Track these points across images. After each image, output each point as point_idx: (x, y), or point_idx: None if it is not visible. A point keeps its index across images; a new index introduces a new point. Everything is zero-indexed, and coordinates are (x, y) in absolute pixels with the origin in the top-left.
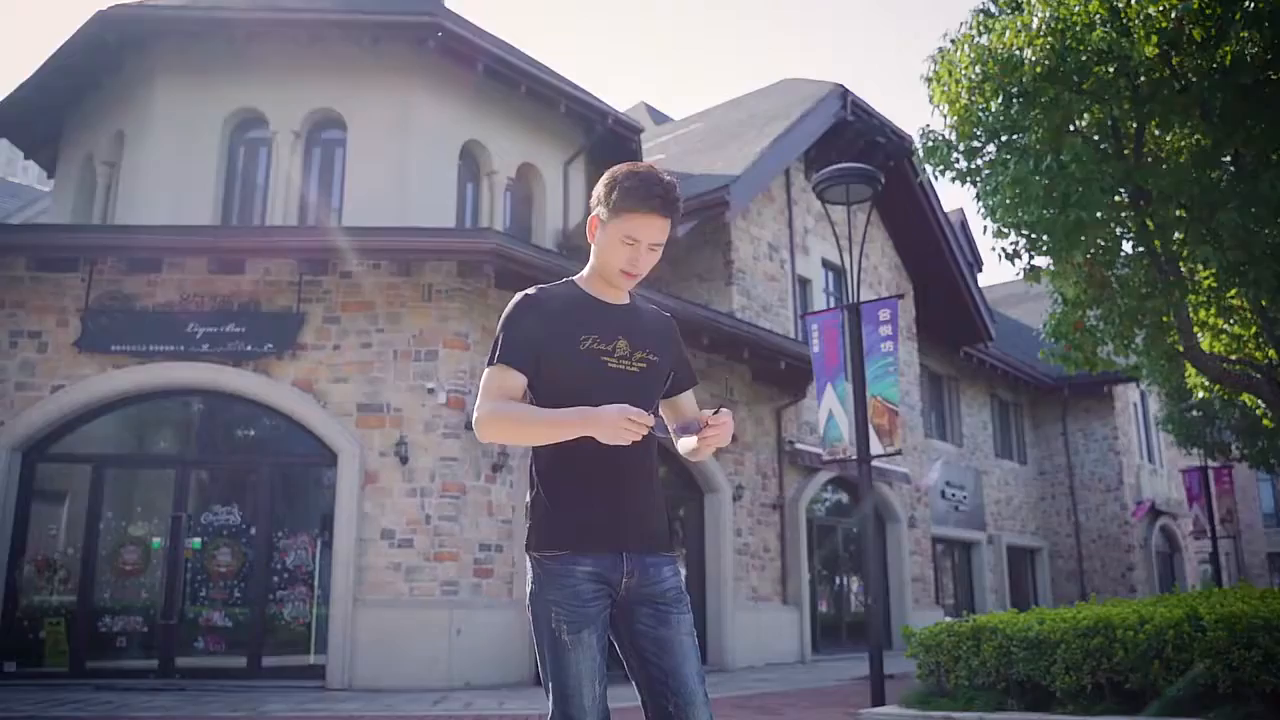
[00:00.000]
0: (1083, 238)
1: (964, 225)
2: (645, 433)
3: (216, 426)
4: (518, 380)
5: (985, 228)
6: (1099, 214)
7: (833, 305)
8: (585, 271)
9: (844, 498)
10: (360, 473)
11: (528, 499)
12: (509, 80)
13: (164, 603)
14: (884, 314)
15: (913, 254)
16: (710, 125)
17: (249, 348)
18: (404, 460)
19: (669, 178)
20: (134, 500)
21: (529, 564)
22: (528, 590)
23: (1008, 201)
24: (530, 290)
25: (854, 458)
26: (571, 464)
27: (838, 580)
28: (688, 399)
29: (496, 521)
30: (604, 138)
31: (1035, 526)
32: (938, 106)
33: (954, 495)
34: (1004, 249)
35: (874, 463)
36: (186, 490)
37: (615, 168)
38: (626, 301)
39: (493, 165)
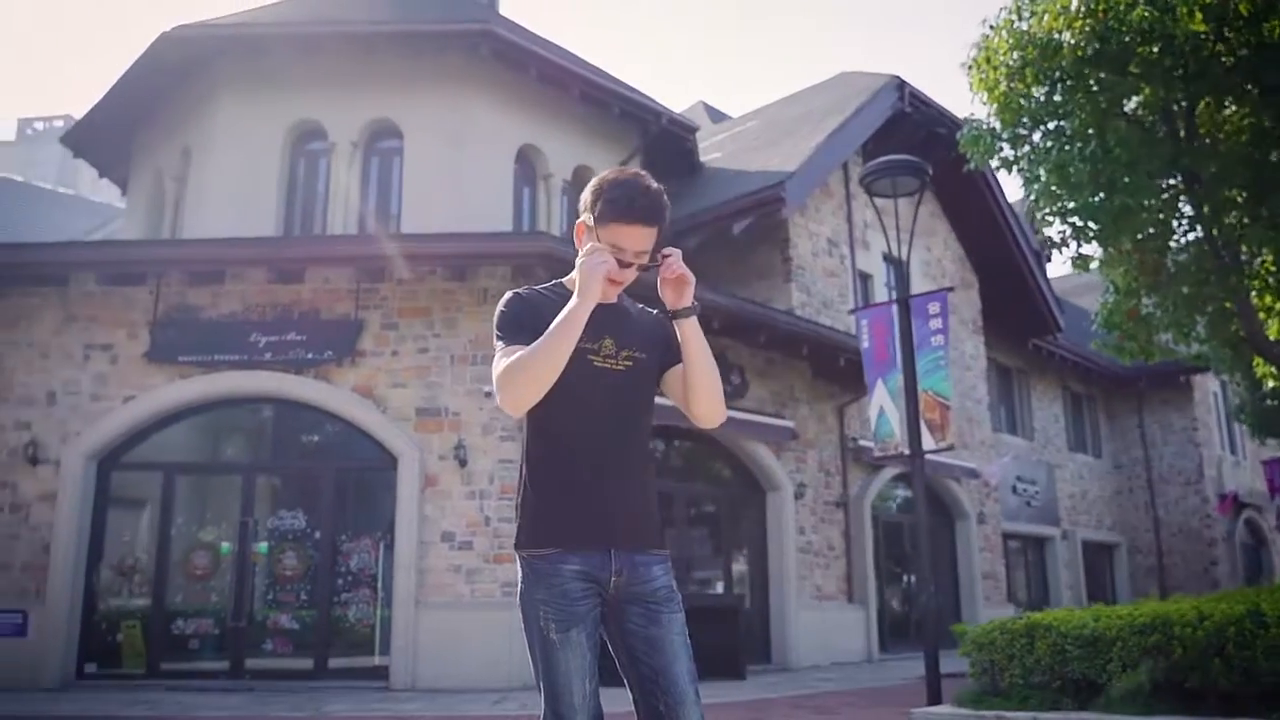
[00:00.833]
0: (1131, 224)
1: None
2: (613, 263)
3: (281, 433)
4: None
5: (1031, 217)
6: (1148, 199)
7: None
8: (573, 274)
9: (911, 494)
10: (420, 476)
11: (517, 499)
12: (562, 84)
13: (233, 606)
14: (934, 307)
15: (976, 245)
16: (766, 122)
17: (310, 355)
18: (463, 463)
19: (654, 186)
20: (203, 506)
21: (518, 563)
22: (518, 590)
23: (1052, 189)
24: (520, 289)
25: (906, 453)
26: (558, 462)
27: (906, 578)
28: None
29: None
30: (659, 138)
31: (1112, 521)
32: (977, 95)
33: (1025, 490)
34: (1050, 238)
35: (940, 458)
36: (253, 496)
37: (601, 175)
38: (613, 301)
39: (548, 168)
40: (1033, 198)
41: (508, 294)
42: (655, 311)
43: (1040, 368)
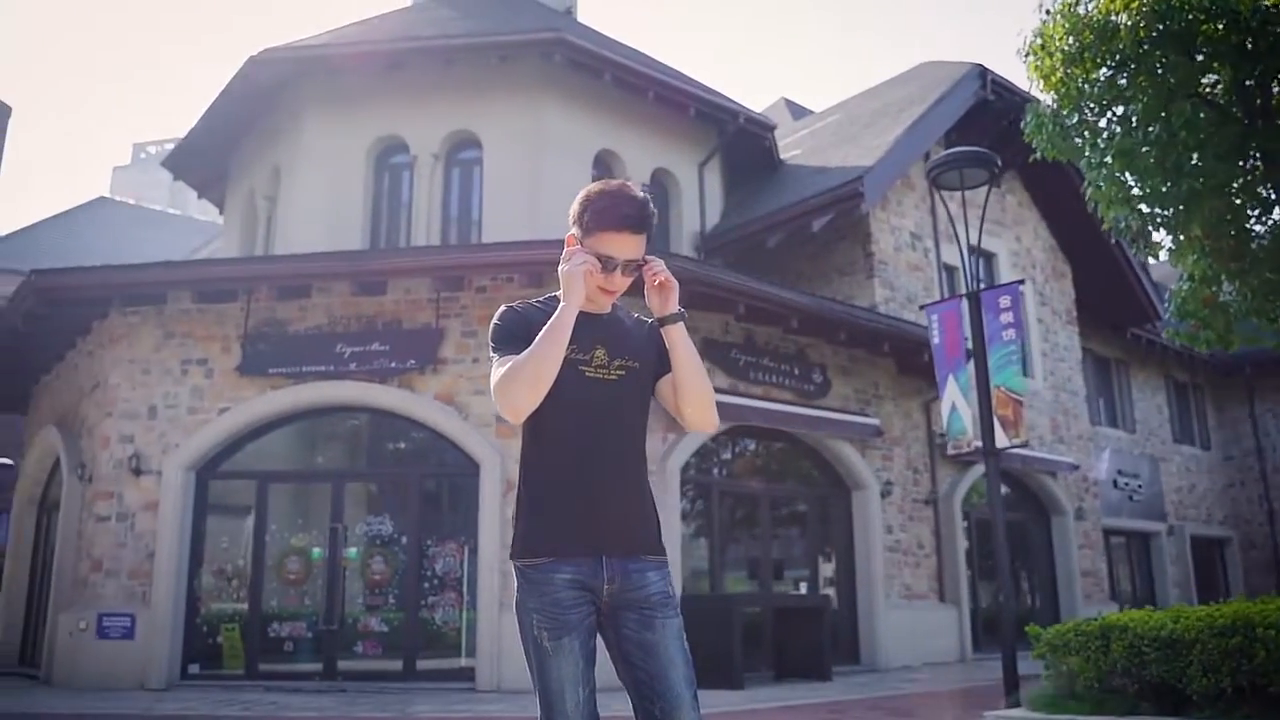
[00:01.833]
0: (1201, 208)
1: None
2: (596, 264)
3: (367, 441)
4: None
5: (1093, 205)
6: (1219, 182)
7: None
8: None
9: (1005, 490)
10: (501, 481)
11: (514, 510)
12: (637, 88)
13: (325, 609)
14: (1004, 300)
15: (1068, 234)
16: (847, 116)
17: (393, 364)
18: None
19: (640, 195)
20: (295, 513)
21: (513, 572)
22: (514, 599)
23: (1116, 175)
24: (513, 304)
25: (977, 450)
26: (550, 472)
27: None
28: None
29: None
30: (736, 137)
31: (1223, 515)
32: (1034, 82)
33: (1127, 484)
34: (1117, 225)
35: (1034, 453)
36: (342, 502)
37: (588, 187)
38: (606, 312)
39: (626, 172)
40: (1098, 185)
41: (501, 308)
42: (650, 320)
43: (1140, 357)
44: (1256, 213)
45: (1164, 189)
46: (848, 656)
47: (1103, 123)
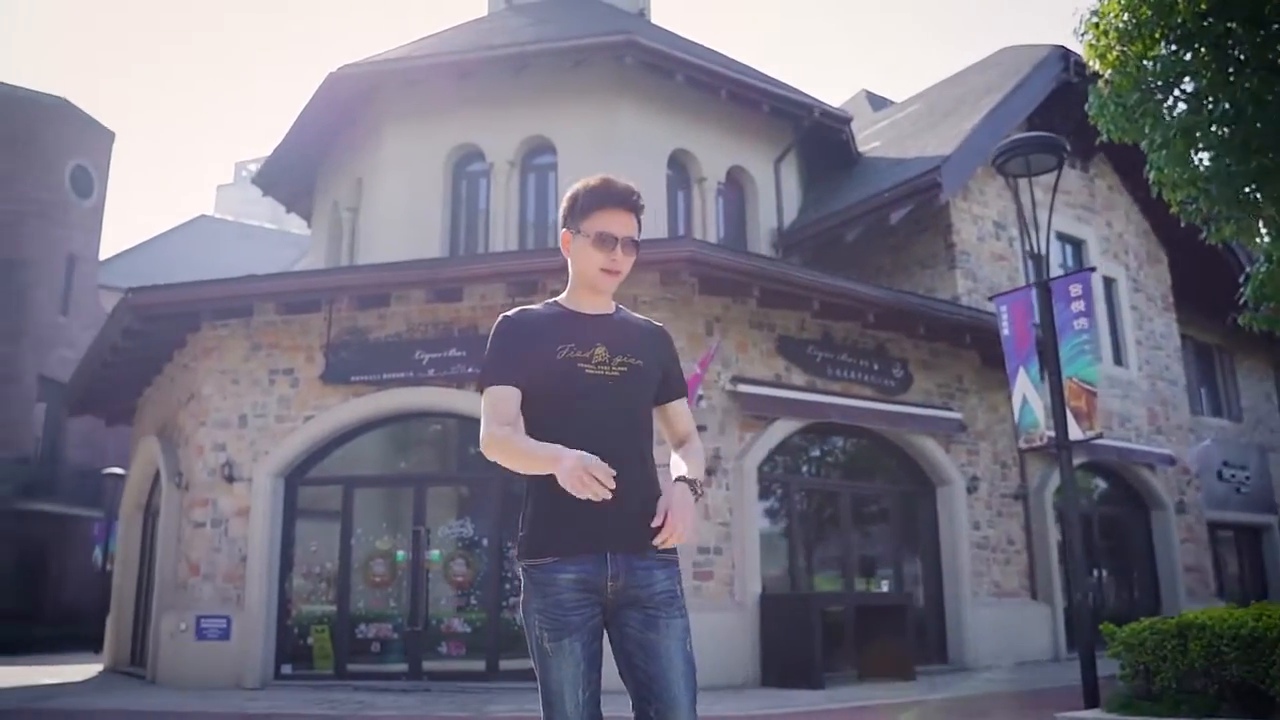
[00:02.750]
0: (1273, 186)
1: None
2: (605, 494)
3: (447, 445)
4: (511, 395)
5: (1156, 188)
6: None
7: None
8: (564, 292)
9: (1100, 483)
10: None
11: (521, 511)
12: (709, 87)
13: (410, 611)
14: (1075, 289)
15: (1164, 217)
16: (927, 105)
17: (470, 370)
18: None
19: (624, 181)
20: (380, 516)
21: (520, 573)
22: (520, 600)
23: (1178, 152)
24: (509, 312)
25: (1050, 443)
26: None
27: (1097, 572)
28: (678, 408)
29: (714, 524)
30: (812, 131)
31: None
32: (1091, 62)
33: (1234, 476)
34: (1185, 209)
35: (1130, 444)
36: (424, 506)
37: (573, 185)
38: (609, 311)
39: (701, 172)
40: (1160, 167)
41: (500, 318)
42: (654, 323)
43: (1245, 344)
44: None
45: (1232, 168)
46: (935, 656)
47: (1166, 101)
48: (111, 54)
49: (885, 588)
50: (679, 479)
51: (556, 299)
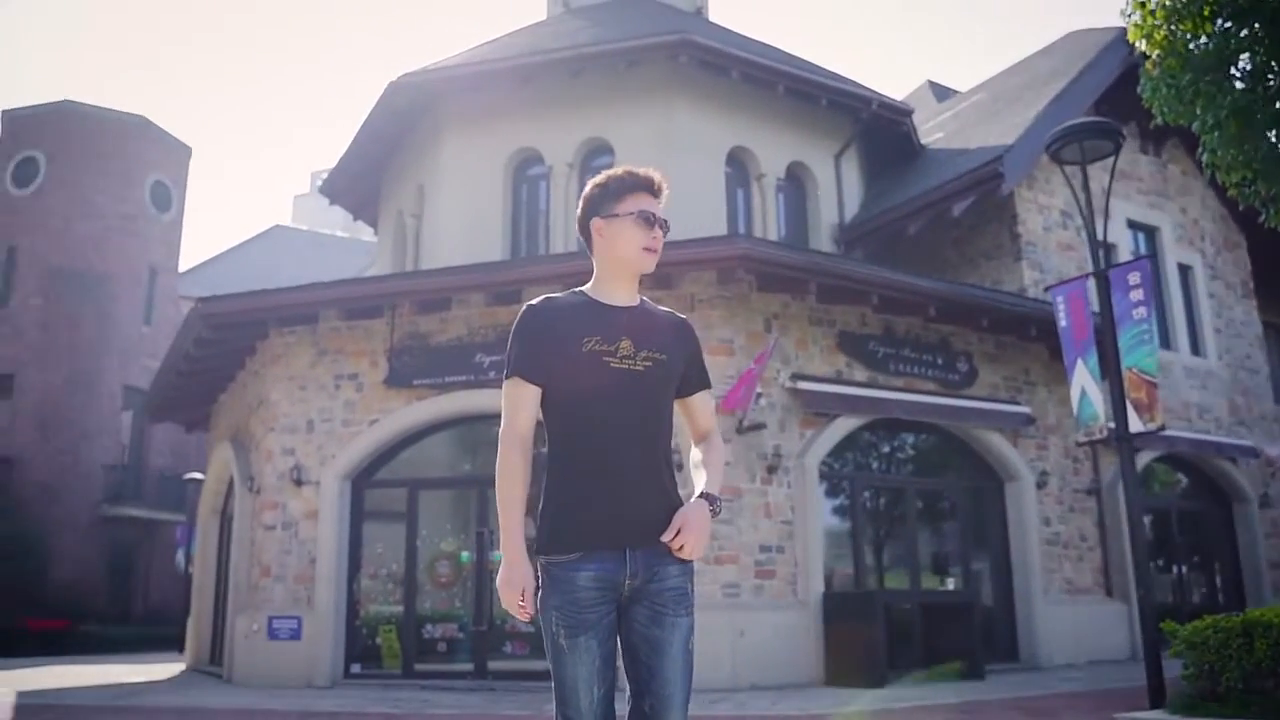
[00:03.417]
0: None
1: None
2: (524, 617)
3: None
4: (531, 391)
5: (1210, 170)
6: None
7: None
8: (590, 281)
9: (1181, 477)
10: None
11: (539, 504)
12: (766, 82)
13: (474, 611)
14: (1134, 278)
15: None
16: (990, 94)
17: None
18: (679, 468)
19: (641, 168)
20: (444, 518)
21: (538, 568)
22: (537, 595)
23: (1233, 133)
24: (534, 301)
25: (1109, 436)
26: (574, 466)
27: (1176, 568)
28: (700, 400)
29: (776, 522)
30: (872, 124)
31: None
32: (1137, 43)
33: None
34: (1242, 191)
35: (1210, 436)
36: (486, 507)
37: (591, 181)
38: (634, 303)
39: (761, 168)
40: (1213, 149)
41: (523, 308)
42: (677, 315)
43: None
44: None
45: None
46: (1005, 654)
47: (1220, 80)
48: (191, 72)
49: (951, 585)
50: (700, 495)
51: (582, 289)
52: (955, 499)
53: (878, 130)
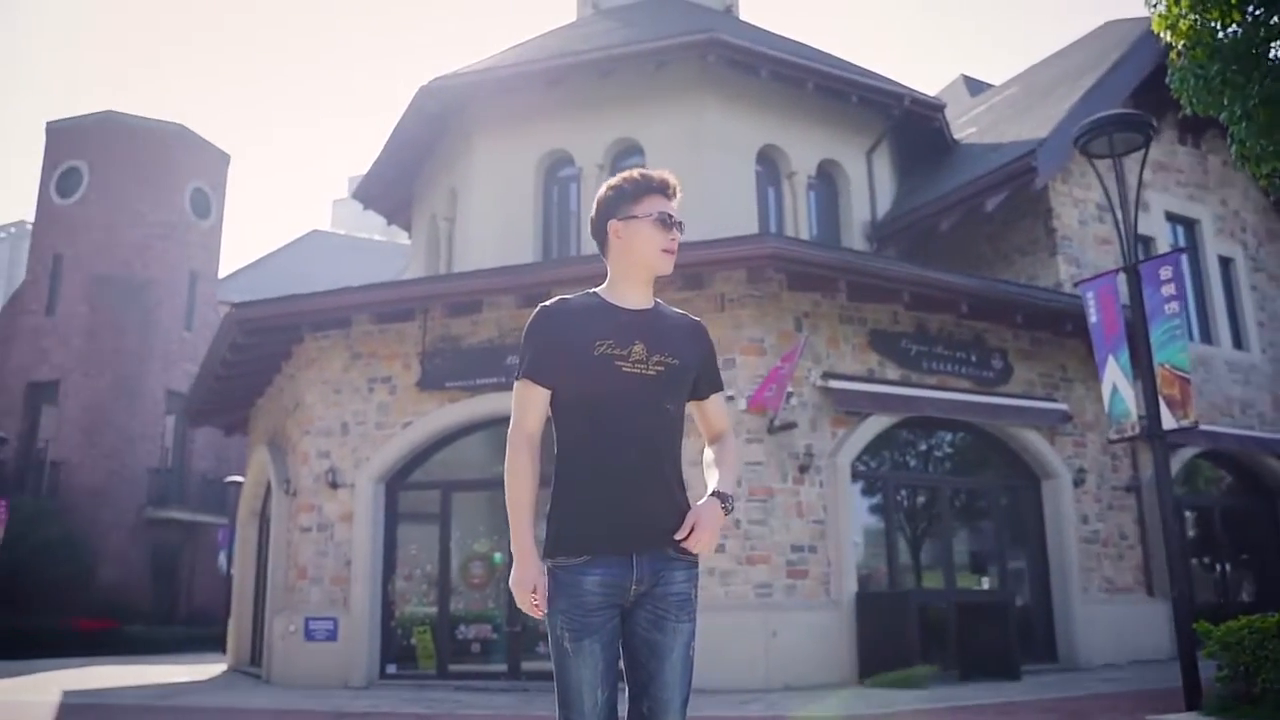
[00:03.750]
0: None
1: None
2: (538, 615)
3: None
4: (541, 393)
5: (1240, 162)
6: None
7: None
8: (605, 283)
9: (1223, 474)
10: None
11: (548, 506)
12: (796, 80)
13: (507, 612)
14: (1165, 272)
15: None
16: (1024, 87)
17: None
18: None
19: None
20: (476, 519)
21: (545, 570)
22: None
23: (1262, 124)
24: (548, 302)
25: (1142, 433)
26: (583, 467)
27: (1220, 566)
28: (714, 403)
29: (808, 522)
30: (904, 120)
31: None
32: (1161, 34)
33: None
34: (1270, 181)
35: (1258, 432)
36: None
37: (605, 183)
38: (648, 306)
39: (791, 166)
40: (1242, 140)
41: (537, 310)
42: (691, 318)
43: None
44: None
45: None
46: (1043, 655)
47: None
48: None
49: (985, 584)
50: (713, 493)
51: (596, 290)
52: (991, 497)
53: (910, 126)
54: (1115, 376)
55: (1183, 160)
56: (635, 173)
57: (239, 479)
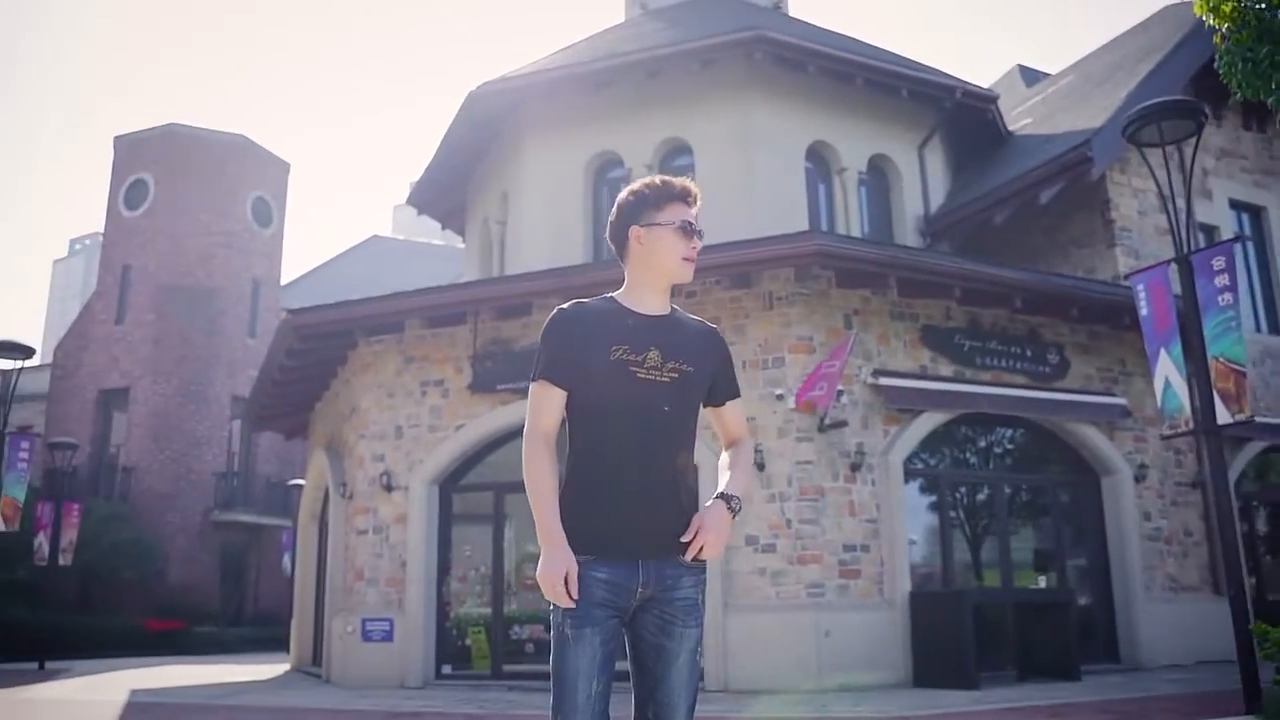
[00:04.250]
0: None
1: None
2: (569, 604)
3: None
4: (558, 395)
5: None
6: None
7: (1244, 251)
8: (623, 288)
9: None
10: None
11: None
12: (844, 75)
13: None
14: (1218, 262)
15: None
16: (1081, 75)
17: None
18: (761, 467)
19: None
20: (530, 520)
21: None
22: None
23: None
24: (565, 305)
25: (1194, 429)
26: (593, 473)
27: None
28: (731, 409)
29: (860, 521)
30: (955, 113)
31: None
32: (1205, 17)
33: None
34: None
35: None
36: None
37: (626, 189)
38: (665, 313)
39: (842, 162)
40: None
41: (554, 312)
42: (707, 324)
43: None
44: None
45: None
46: (1105, 655)
47: None
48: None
49: (1043, 583)
50: (718, 495)
51: (614, 295)
52: (1049, 494)
53: (962, 119)
54: (1168, 370)
55: (1248, 146)
56: (657, 179)
57: (301, 482)
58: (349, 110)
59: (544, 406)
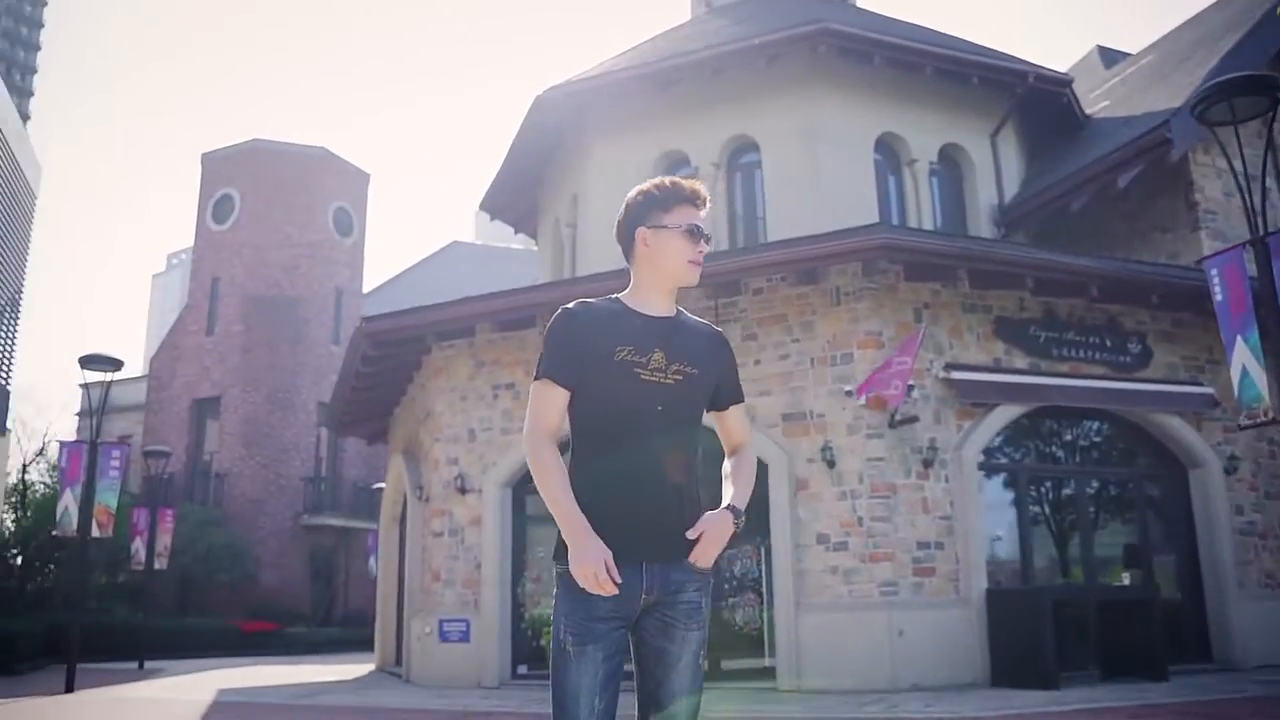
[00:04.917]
0: None
1: None
2: (612, 591)
3: None
4: (561, 394)
5: None
6: None
7: None
8: (629, 289)
9: None
10: (790, 480)
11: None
12: (912, 65)
13: None
14: None
15: None
16: (1161, 55)
17: None
18: (831, 464)
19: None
20: None
21: (555, 573)
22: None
23: None
24: (570, 305)
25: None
26: (596, 473)
27: None
28: (733, 414)
29: (934, 518)
30: (1029, 98)
31: None
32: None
33: None
34: None
35: None
36: None
37: (635, 189)
38: (670, 315)
39: (912, 154)
40: None
41: (559, 311)
42: (713, 327)
43: None
44: None
45: None
46: (1196, 654)
47: None
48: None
49: (1128, 580)
50: (726, 507)
51: (619, 296)
52: (1133, 488)
53: (1036, 104)
54: (1244, 358)
55: None
56: (666, 181)
57: (383, 486)
58: (431, 118)
59: (546, 405)
